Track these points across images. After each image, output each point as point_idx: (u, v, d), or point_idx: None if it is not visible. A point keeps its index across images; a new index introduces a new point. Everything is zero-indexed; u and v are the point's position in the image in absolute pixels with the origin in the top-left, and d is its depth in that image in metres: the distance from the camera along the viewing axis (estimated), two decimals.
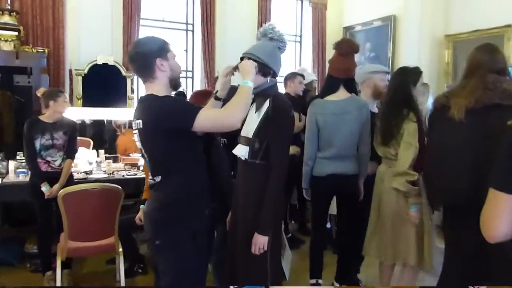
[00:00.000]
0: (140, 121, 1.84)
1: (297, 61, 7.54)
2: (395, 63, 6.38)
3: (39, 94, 3.50)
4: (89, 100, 5.67)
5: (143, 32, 6.49)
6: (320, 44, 7.26)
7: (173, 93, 2.08)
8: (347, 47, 2.88)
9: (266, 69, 2.06)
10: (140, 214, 3.31)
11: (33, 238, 3.67)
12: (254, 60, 2.05)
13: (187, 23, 6.91)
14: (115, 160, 4.40)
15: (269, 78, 2.09)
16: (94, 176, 3.86)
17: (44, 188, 3.29)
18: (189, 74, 7.01)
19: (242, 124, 2.05)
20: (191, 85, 7.00)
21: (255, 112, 2.10)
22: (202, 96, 2.83)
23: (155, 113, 1.78)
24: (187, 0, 6.81)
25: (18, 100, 4.71)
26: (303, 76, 4.27)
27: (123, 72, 6.03)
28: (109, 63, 5.98)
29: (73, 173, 3.72)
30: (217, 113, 1.84)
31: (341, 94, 2.88)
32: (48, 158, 3.41)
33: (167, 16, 6.75)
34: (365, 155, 2.90)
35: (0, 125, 4.47)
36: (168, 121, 1.76)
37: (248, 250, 2.01)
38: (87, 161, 4.16)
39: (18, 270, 3.54)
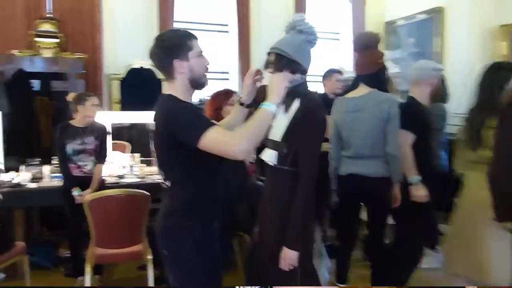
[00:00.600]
0: (154, 123, 1.73)
1: (335, 60, 7.26)
2: (442, 59, 5.97)
3: (69, 99, 3.50)
4: (127, 104, 5.71)
5: None
6: None
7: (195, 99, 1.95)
8: (359, 43, 2.81)
9: (294, 65, 1.88)
10: None
11: (67, 243, 3.68)
12: (280, 56, 1.88)
13: (222, 24, 6.84)
14: (149, 164, 4.37)
15: (297, 75, 1.90)
16: (126, 180, 3.83)
17: (75, 193, 3.29)
18: (226, 76, 6.94)
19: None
20: (228, 87, 6.91)
21: (284, 113, 1.94)
22: (223, 96, 2.69)
23: (164, 118, 1.66)
24: (222, 1, 6.74)
25: (55, 105, 4.78)
26: (340, 72, 4.03)
27: (158, 76, 6.06)
28: (144, 67, 6.02)
29: (105, 178, 3.71)
30: (223, 138, 1.59)
31: (360, 90, 2.78)
32: (79, 163, 3.40)
33: (202, 18, 6.70)
34: (393, 155, 2.69)
35: (37, 130, 4.56)
36: (175, 131, 1.62)
37: (276, 264, 1.85)
38: (121, 165, 4.14)
39: (53, 274, 3.56)
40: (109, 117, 5.14)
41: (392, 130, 2.68)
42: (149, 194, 2.87)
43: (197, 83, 1.76)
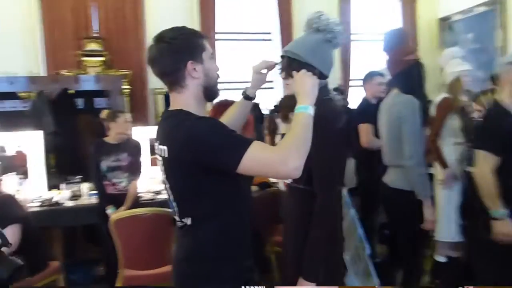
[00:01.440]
0: (165, 148, 1.38)
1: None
2: (506, 53, 5.40)
3: (102, 117, 3.49)
4: None
5: (220, 45, 6.45)
6: (412, 42, 6.50)
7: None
8: (383, 43, 2.74)
9: (307, 69, 1.61)
10: None
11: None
12: (291, 59, 1.66)
13: (265, 33, 6.70)
14: None
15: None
16: (163, 196, 3.74)
17: (109, 211, 3.24)
18: (270, 85, 6.78)
19: None
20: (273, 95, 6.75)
21: None
22: (225, 108, 2.51)
23: (187, 143, 1.31)
24: (264, 10, 6.61)
25: (98, 122, 4.85)
26: (382, 74, 3.70)
27: None
28: None
29: (142, 194, 3.65)
30: (270, 156, 1.28)
31: (390, 93, 2.64)
32: (114, 180, 3.36)
33: (244, 27, 6.60)
34: (411, 167, 2.40)
35: (80, 148, 4.63)
36: (205, 157, 1.29)
37: None
38: (158, 180, 4.07)
39: None
40: (152, 132, 5.20)
41: (404, 136, 2.42)
42: None
43: (212, 92, 1.46)
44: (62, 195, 3.56)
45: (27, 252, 2.75)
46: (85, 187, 3.69)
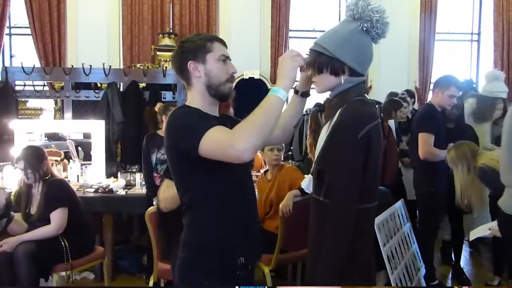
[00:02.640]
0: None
1: (474, 64, 6.22)
2: None
3: (156, 109, 3.55)
4: (238, 112, 5.71)
5: (292, 44, 6.32)
6: (505, 42, 5.82)
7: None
8: None
9: (335, 64, 1.47)
10: None
11: None
12: (319, 53, 1.50)
13: None
14: None
15: (344, 77, 1.48)
16: None
17: (155, 202, 3.27)
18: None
19: None
20: None
21: (327, 128, 1.54)
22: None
23: (167, 128, 1.44)
24: (335, 8, 6.35)
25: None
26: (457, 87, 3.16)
27: (269, 85, 5.96)
28: (255, 77, 5.98)
29: None
30: (222, 137, 1.29)
31: None
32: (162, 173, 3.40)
33: (316, 25, 6.40)
34: None
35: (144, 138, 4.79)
36: (174, 140, 1.40)
37: None
38: None
39: (137, 279, 3.61)
40: None
41: None
42: None
43: (216, 91, 1.47)
44: (117, 183, 3.69)
45: (73, 235, 2.89)
46: (139, 177, 3.79)
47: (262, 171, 3.53)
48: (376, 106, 3.92)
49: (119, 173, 3.95)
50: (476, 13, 6.20)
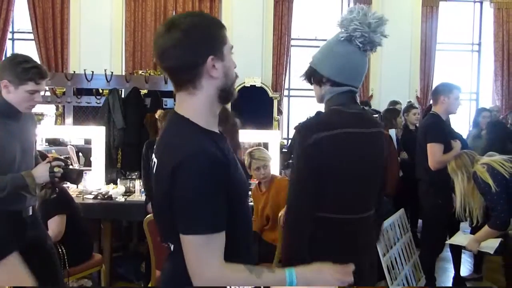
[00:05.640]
0: (155, 161, 1.18)
1: (474, 74, 6.23)
2: None
3: (156, 116, 3.55)
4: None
5: (294, 52, 6.34)
6: (505, 53, 5.83)
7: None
8: None
9: (316, 75, 1.52)
10: None
11: None
12: (310, 65, 1.56)
13: None
14: None
15: (324, 87, 1.51)
16: None
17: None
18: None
19: None
20: None
21: None
22: None
23: (172, 172, 1.06)
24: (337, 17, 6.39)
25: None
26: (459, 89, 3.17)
27: (270, 94, 5.97)
28: (256, 85, 5.99)
29: None
30: (203, 253, 1.07)
31: None
32: None
33: (316, 34, 6.42)
34: None
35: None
36: (173, 196, 1.08)
37: None
38: None
39: (133, 286, 3.59)
40: None
41: None
42: None
43: (228, 95, 1.17)
44: (117, 190, 3.68)
45: (71, 241, 2.87)
46: (138, 184, 3.78)
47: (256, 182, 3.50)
48: (376, 115, 3.91)
49: (118, 180, 3.94)
50: (477, 23, 6.22)
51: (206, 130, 1.14)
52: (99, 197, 3.53)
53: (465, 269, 3.88)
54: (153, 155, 1.21)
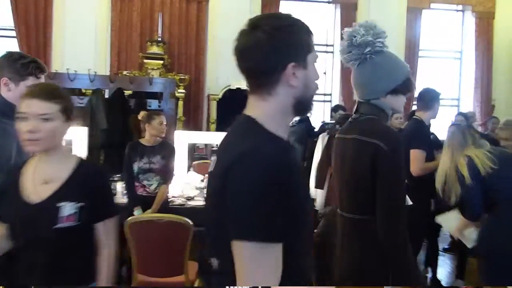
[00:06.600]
0: (214, 159, 1.09)
1: (456, 82, 6.35)
2: None
3: (139, 118, 3.53)
4: (223, 124, 5.75)
5: None
6: (485, 61, 5.96)
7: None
8: None
9: None
10: None
11: None
12: None
13: (327, 45, 6.53)
14: None
15: None
16: (194, 202, 3.70)
17: (136, 212, 3.24)
18: (327, 98, 6.59)
19: None
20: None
21: None
22: None
23: (227, 162, 0.98)
24: (327, 23, 6.44)
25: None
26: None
27: None
28: (241, 88, 5.99)
29: (173, 198, 3.64)
30: (258, 275, 0.94)
31: None
32: (145, 182, 3.37)
33: None
34: None
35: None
36: (227, 204, 0.97)
37: None
38: (193, 186, 4.05)
39: None
40: (206, 137, 5.34)
41: None
42: (191, 223, 2.65)
43: (305, 106, 1.09)
44: None
45: None
46: (120, 186, 3.75)
47: None
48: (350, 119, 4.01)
49: None
50: (459, 32, 6.34)
51: (273, 134, 1.04)
52: None
53: (445, 271, 3.97)
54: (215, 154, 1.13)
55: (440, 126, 4.40)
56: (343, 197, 1.63)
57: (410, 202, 2.27)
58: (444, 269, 3.90)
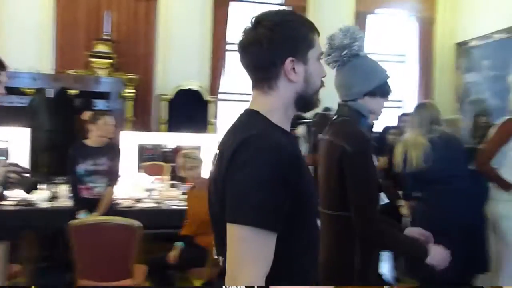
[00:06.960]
0: (217, 152, 1.09)
1: (400, 84, 6.62)
2: None
3: (84, 118, 3.42)
4: (174, 125, 5.67)
5: (230, 56, 6.36)
6: (427, 64, 6.26)
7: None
8: None
9: None
10: (174, 252, 2.97)
11: None
12: None
13: None
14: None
15: None
16: (141, 205, 3.63)
17: (81, 215, 3.13)
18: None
19: None
20: None
21: None
22: None
23: (231, 150, 0.99)
24: None
25: None
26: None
27: (206, 97, 5.94)
28: (192, 88, 5.94)
29: (122, 201, 3.55)
30: (249, 254, 0.93)
31: None
32: (90, 184, 3.27)
33: None
34: None
35: None
36: (227, 187, 0.99)
37: None
38: (143, 188, 3.97)
39: None
40: (157, 138, 5.27)
41: None
42: (141, 225, 2.60)
43: (307, 102, 1.11)
44: (40, 196, 3.49)
45: None
46: (63, 189, 3.61)
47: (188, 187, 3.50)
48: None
49: (43, 185, 3.73)
50: (403, 36, 6.61)
51: (276, 124, 1.07)
52: (20, 204, 3.32)
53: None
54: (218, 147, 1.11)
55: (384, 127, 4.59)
56: (322, 195, 1.68)
57: (386, 200, 2.41)
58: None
